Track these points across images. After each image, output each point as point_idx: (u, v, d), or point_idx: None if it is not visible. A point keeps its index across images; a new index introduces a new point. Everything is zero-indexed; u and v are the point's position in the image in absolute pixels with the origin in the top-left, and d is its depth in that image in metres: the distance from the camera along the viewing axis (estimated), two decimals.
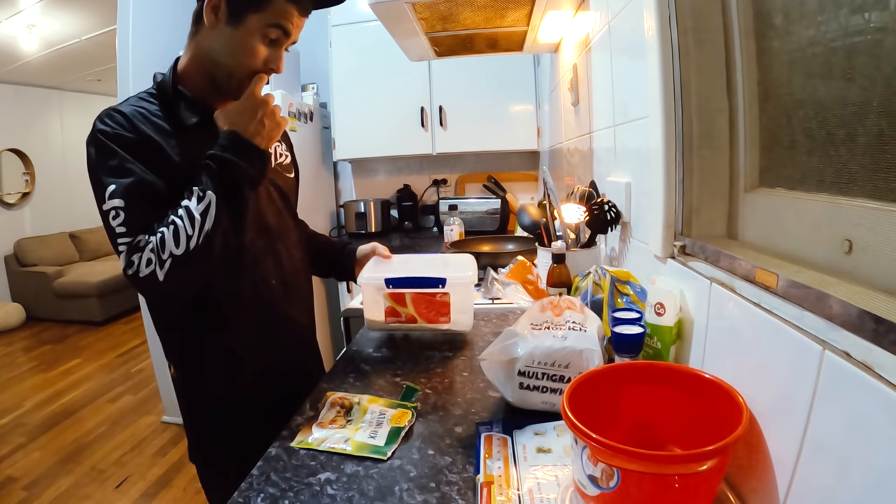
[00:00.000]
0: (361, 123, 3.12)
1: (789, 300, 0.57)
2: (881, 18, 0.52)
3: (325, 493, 0.73)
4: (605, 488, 0.56)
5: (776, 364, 0.57)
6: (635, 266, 1.16)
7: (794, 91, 0.69)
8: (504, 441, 0.81)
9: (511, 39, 2.05)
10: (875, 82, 0.52)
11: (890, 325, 0.42)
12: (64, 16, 4.16)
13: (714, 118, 0.86)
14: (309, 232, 1.45)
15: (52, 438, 3.07)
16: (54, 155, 6.44)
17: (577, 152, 1.87)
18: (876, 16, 0.52)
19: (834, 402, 0.47)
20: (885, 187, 0.51)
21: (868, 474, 0.42)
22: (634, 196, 1.19)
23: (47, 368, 4.24)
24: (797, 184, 0.69)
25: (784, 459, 0.54)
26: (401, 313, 1.29)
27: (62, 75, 5.82)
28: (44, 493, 2.51)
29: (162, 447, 2.91)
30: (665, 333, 0.84)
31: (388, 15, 1.67)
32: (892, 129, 0.50)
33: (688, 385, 0.68)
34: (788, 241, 0.69)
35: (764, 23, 0.76)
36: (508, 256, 1.70)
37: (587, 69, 1.62)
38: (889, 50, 0.50)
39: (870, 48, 0.53)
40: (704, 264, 0.81)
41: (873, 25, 0.53)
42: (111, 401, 3.56)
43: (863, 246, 0.54)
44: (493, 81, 3.00)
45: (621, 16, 1.21)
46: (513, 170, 3.42)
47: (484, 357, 0.94)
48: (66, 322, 5.49)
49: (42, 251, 5.86)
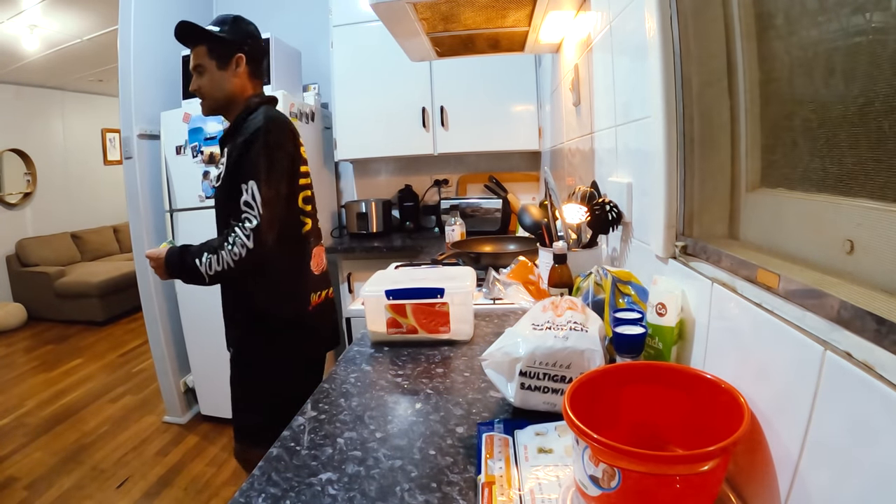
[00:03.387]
0: (363, 124, 3.12)
1: (791, 300, 0.57)
2: (882, 19, 0.52)
3: (326, 494, 0.73)
4: (606, 489, 0.56)
5: (777, 364, 0.57)
6: (637, 266, 1.16)
7: (796, 91, 0.69)
8: (505, 441, 0.81)
9: (512, 40, 2.05)
10: (876, 82, 0.52)
11: (891, 325, 0.42)
12: (65, 16, 4.17)
13: (715, 118, 0.86)
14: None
15: (54, 438, 3.07)
16: (56, 155, 6.46)
17: (578, 152, 1.87)
18: (877, 16, 0.52)
19: (835, 402, 0.47)
20: (886, 187, 0.51)
21: (869, 474, 0.42)
22: (636, 196, 1.19)
23: (48, 368, 4.24)
24: (799, 184, 0.69)
25: (785, 460, 0.54)
26: (402, 324, 1.31)
27: (63, 75, 5.84)
28: (45, 493, 2.51)
29: (163, 447, 2.92)
30: (666, 334, 0.84)
31: (389, 15, 1.67)
32: (893, 129, 0.50)
33: (689, 385, 0.68)
34: (790, 242, 0.69)
35: (765, 23, 0.76)
36: (510, 257, 1.70)
37: (588, 69, 1.62)
38: (890, 50, 0.50)
39: (871, 48, 0.53)
40: (706, 264, 0.81)
41: (874, 26, 0.53)
42: (112, 401, 3.57)
43: (864, 246, 0.54)
44: (495, 82, 3.00)
45: (622, 16, 1.21)
46: (514, 170, 3.41)
47: (485, 357, 0.94)
48: (67, 322, 5.49)
49: (43, 251, 5.87)
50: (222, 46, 1.51)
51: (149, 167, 2.98)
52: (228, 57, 1.51)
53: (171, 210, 2.92)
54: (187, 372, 3.19)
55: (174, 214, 2.93)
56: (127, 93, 2.85)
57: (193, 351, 3.07)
